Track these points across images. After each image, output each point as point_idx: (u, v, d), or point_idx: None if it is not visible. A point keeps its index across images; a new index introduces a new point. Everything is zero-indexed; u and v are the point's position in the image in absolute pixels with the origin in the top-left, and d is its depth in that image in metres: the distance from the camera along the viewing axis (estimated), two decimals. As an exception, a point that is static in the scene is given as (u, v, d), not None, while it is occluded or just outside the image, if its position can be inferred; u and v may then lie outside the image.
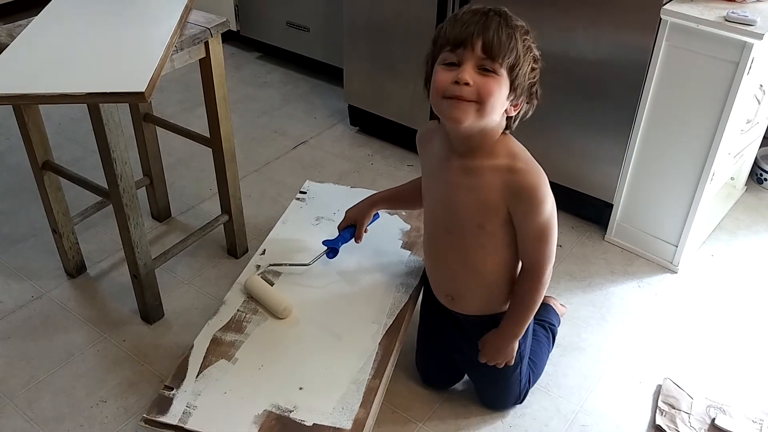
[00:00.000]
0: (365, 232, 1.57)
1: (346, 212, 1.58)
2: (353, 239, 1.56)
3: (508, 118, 1.24)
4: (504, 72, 1.15)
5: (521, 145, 1.28)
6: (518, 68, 1.16)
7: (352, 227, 1.56)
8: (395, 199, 1.59)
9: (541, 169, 1.25)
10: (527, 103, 1.23)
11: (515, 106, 1.22)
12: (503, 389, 1.50)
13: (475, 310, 1.42)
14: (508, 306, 1.40)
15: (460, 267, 1.38)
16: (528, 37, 1.18)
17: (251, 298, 1.48)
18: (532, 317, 1.37)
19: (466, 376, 1.60)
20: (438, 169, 1.33)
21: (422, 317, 1.58)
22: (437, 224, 1.39)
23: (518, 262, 1.36)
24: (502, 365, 1.43)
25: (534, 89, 1.22)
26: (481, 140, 1.24)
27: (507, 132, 1.26)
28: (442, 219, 1.36)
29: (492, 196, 1.25)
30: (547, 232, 1.28)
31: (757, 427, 1.49)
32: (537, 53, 1.20)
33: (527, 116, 1.26)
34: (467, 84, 1.14)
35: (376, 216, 1.61)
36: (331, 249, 1.55)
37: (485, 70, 1.15)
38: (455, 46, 1.15)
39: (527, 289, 1.34)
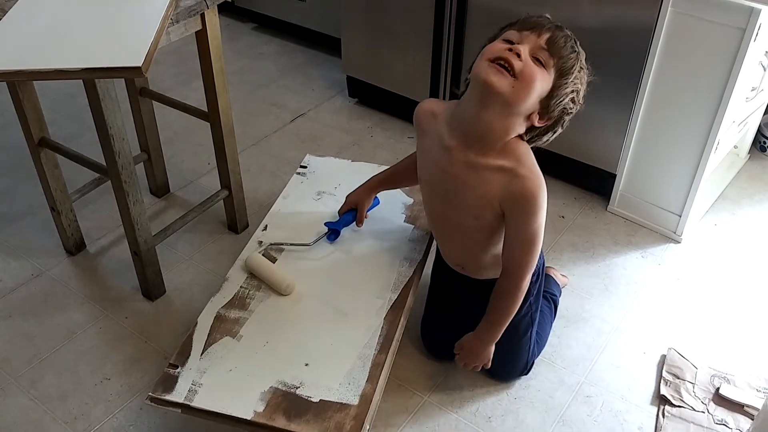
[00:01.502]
0: (365, 217, 1.56)
1: (346, 197, 1.57)
2: (354, 223, 1.56)
3: (529, 129, 1.24)
4: (552, 72, 1.18)
5: (529, 149, 1.27)
6: (565, 80, 1.19)
7: (353, 210, 1.56)
8: (393, 180, 1.59)
9: (542, 177, 1.25)
10: (551, 128, 1.25)
11: (541, 117, 1.21)
12: (512, 356, 1.50)
13: (486, 275, 1.44)
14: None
15: (463, 244, 1.40)
16: (584, 68, 1.23)
17: (253, 275, 1.47)
18: (509, 321, 1.37)
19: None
20: (439, 157, 1.31)
21: (433, 281, 1.59)
22: (434, 207, 1.40)
23: None
24: (479, 368, 1.45)
25: (565, 117, 1.24)
26: (495, 137, 1.23)
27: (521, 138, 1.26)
28: (439, 205, 1.37)
29: (490, 195, 1.26)
30: (535, 239, 1.28)
31: (762, 396, 1.50)
32: (582, 91, 1.24)
33: (545, 143, 1.27)
34: (519, 56, 1.15)
35: (376, 201, 1.60)
36: (333, 231, 1.54)
37: (538, 60, 1.17)
38: (523, 28, 1.18)
39: (505, 295, 1.34)
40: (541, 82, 1.17)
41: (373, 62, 2.35)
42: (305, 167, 1.78)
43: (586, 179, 2.08)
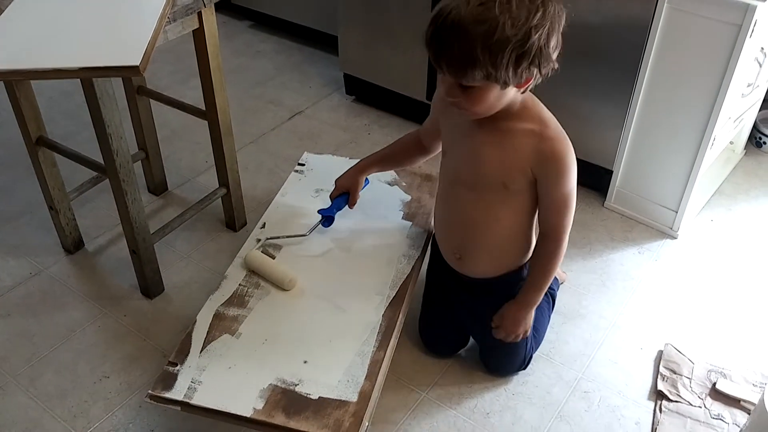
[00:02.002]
0: (359, 198, 1.56)
1: (336, 181, 1.57)
2: (347, 206, 1.56)
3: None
4: (481, 81, 1.12)
5: (549, 112, 1.28)
6: (493, 75, 1.11)
7: (345, 194, 1.56)
8: (384, 162, 1.58)
9: (568, 137, 1.26)
10: (539, 73, 1.16)
11: (527, 81, 1.17)
12: (510, 351, 1.51)
13: (481, 272, 1.44)
14: (522, 271, 1.43)
15: (476, 223, 1.38)
16: (494, 37, 1.07)
17: (253, 272, 1.47)
18: (549, 284, 1.40)
19: (468, 344, 1.61)
20: (464, 126, 1.31)
21: (429, 280, 1.59)
22: (458, 179, 1.37)
23: (533, 223, 1.38)
24: (521, 337, 1.45)
25: (539, 64, 1.13)
26: (504, 108, 1.22)
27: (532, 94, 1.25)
28: (466, 175, 1.35)
29: (520, 159, 1.26)
30: (568, 200, 1.30)
31: (758, 391, 1.51)
32: (524, 28, 1.08)
33: (548, 77, 1.19)
34: (454, 98, 1.18)
35: (366, 182, 1.60)
36: (327, 218, 1.54)
37: (462, 86, 1.15)
38: (432, 59, 1.15)
39: (546, 257, 1.36)
40: (485, 95, 1.15)
41: (370, 60, 2.35)
42: (303, 165, 1.79)
43: (583, 175, 2.03)
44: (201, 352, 1.31)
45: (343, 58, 2.43)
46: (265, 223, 1.60)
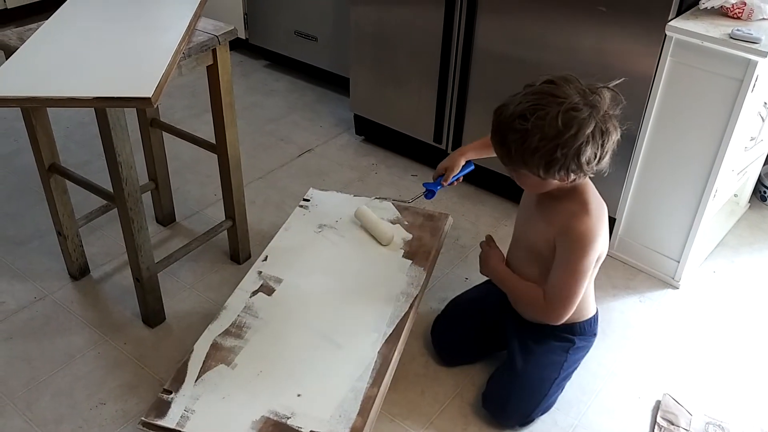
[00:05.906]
0: (460, 181, 1.66)
1: (438, 165, 1.67)
2: (439, 187, 1.65)
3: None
4: (522, 170, 1.30)
5: (597, 196, 1.39)
6: (528, 170, 1.29)
7: (443, 175, 1.65)
8: (481, 151, 1.65)
9: (603, 225, 1.37)
10: (568, 179, 1.30)
11: (562, 179, 1.29)
12: (527, 389, 1.49)
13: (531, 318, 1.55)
14: (574, 327, 1.54)
15: (527, 270, 1.49)
16: (524, 145, 1.24)
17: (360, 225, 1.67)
18: (513, 294, 1.52)
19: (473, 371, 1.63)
20: (530, 196, 1.46)
21: (481, 289, 1.69)
22: (519, 239, 1.54)
23: (589, 286, 1.48)
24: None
25: (569, 171, 1.27)
26: (558, 186, 1.35)
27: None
28: (521, 237, 1.52)
29: (550, 230, 1.39)
30: (573, 278, 1.36)
31: (756, 445, 1.49)
32: (551, 144, 1.23)
33: (602, 172, 1.33)
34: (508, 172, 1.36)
35: (470, 165, 1.67)
36: (429, 191, 1.63)
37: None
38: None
39: (533, 303, 1.46)
40: (529, 177, 1.31)
41: (379, 102, 2.40)
42: (308, 200, 1.81)
43: (587, 222, 2.09)
44: (196, 381, 1.32)
45: (354, 99, 2.48)
46: (267, 256, 1.62)
